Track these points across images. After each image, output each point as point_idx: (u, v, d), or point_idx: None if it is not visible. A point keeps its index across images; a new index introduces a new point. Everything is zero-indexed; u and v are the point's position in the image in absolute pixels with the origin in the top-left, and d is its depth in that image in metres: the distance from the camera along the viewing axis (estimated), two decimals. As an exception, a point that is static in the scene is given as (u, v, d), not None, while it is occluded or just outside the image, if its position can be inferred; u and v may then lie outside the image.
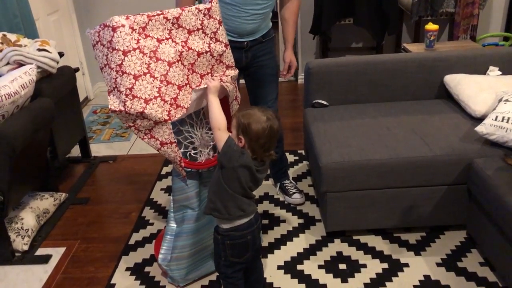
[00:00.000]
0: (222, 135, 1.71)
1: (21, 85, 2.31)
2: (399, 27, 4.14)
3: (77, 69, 3.08)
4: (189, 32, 1.82)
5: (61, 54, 2.81)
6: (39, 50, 2.59)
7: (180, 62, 1.80)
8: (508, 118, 2.08)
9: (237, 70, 2.01)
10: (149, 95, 1.73)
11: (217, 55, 1.89)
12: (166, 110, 1.78)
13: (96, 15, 4.32)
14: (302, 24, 4.26)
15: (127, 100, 1.70)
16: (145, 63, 1.72)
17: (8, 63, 2.48)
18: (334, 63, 2.70)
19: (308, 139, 2.61)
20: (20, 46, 2.62)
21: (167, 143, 1.84)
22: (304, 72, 2.78)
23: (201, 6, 1.82)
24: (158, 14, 1.75)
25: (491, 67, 2.63)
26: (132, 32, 1.70)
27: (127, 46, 1.68)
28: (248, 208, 1.76)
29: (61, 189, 2.92)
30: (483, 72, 2.64)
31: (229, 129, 1.78)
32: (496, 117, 2.13)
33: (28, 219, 2.46)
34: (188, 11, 1.79)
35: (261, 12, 2.22)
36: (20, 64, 2.49)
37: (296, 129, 3.55)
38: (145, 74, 1.72)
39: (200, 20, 1.82)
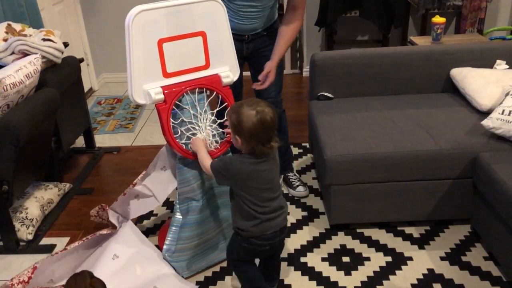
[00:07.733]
0: (209, 171, 1.78)
1: (26, 75, 2.31)
2: (405, 20, 4.11)
3: (81, 60, 3.08)
4: None
5: (66, 44, 2.80)
6: (44, 40, 2.59)
7: None
8: (515, 112, 2.07)
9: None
10: None
11: None
12: None
13: (101, 6, 4.31)
14: (308, 16, 4.23)
15: None
16: None
17: (13, 53, 2.47)
18: (339, 55, 2.69)
19: (313, 131, 2.60)
20: (25, 36, 2.62)
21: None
22: (309, 65, 2.76)
23: None
24: None
25: (498, 61, 2.61)
26: None
27: None
28: (274, 221, 1.71)
29: (66, 179, 2.92)
30: (490, 65, 2.62)
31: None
32: (503, 111, 2.11)
33: (32, 208, 2.47)
34: None
35: (259, 15, 2.25)
36: (25, 54, 2.49)
37: (301, 121, 3.54)
38: None
39: None
